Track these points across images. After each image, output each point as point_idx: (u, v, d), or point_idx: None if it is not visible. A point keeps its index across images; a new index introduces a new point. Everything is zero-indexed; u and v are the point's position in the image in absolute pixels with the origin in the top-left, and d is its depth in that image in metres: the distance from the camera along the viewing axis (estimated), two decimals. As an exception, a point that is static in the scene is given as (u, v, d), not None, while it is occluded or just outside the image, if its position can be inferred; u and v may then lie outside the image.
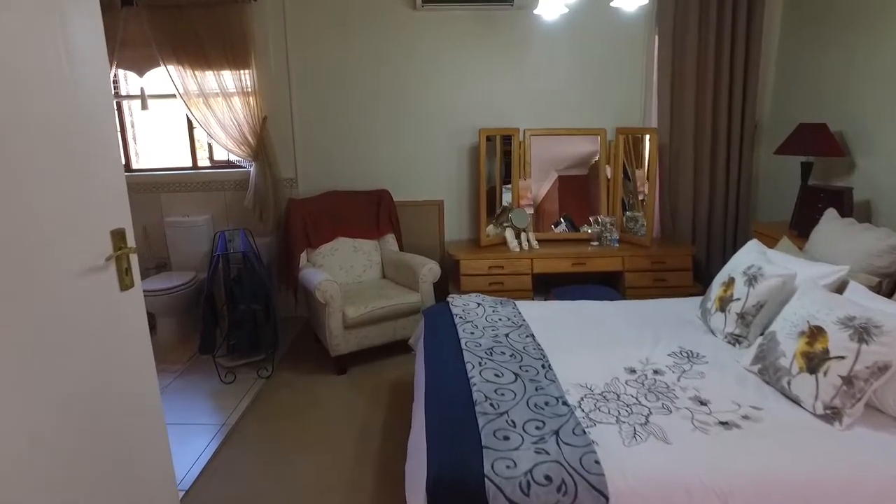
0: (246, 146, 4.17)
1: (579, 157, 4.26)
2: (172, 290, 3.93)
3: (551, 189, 4.28)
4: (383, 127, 4.26)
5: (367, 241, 4.11)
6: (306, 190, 4.36)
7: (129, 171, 4.56)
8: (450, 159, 4.29)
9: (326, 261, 3.96)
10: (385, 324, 3.60)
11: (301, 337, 4.20)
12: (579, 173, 4.28)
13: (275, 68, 4.16)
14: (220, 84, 4.08)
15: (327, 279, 3.38)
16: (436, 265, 3.71)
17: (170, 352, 3.98)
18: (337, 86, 4.20)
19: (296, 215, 3.86)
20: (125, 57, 4.20)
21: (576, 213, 4.29)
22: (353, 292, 3.73)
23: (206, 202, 4.44)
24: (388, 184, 4.29)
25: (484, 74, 4.15)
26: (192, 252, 4.30)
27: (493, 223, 4.16)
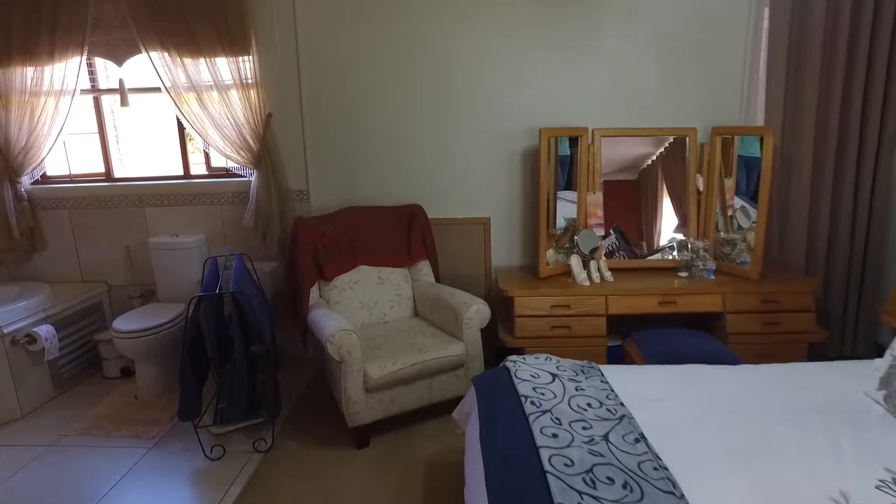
0: (245, 150, 3.37)
1: (628, 160, 3.38)
2: (150, 332, 3.14)
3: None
4: (416, 127, 3.42)
5: (396, 269, 3.27)
6: (320, 205, 3.54)
7: (109, 180, 3.79)
8: (498, 167, 3.44)
9: (344, 296, 3.13)
10: (418, 383, 2.76)
11: (312, 388, 3.39)
12: (628, 178, 3.40)
13: (281, 54, 3.35)
14: (215, 75, 3.29)
15: (343, 329, 2.56)
16: (484, 306, 2.86)
17: (147, 409, 3.19)
18: (358, 76, 3.37)
19: (305, 238, 3.04)
20: (98, 42, 3.43)
21: (625, 225, 3.40)
22: (378, 340, 2.90)
23: (199, 219, 3.65)
24: (422, 198, 3.45)
25: (542, 63, 3.29)
26: (182, 280, 3.51)
27: (552, 247, 3.29)
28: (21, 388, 3.18)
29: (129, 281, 3.81)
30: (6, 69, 3.42)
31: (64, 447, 2.88)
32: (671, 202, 3.37)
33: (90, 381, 3.62)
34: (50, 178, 3.86)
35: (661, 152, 3.35)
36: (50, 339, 3.23)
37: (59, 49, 3.36)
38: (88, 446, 2.87)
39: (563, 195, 3.26)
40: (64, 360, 3.48)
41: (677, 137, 3.30)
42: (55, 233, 3.81)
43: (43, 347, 3.19)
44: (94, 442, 2.91)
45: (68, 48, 3.36)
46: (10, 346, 3.11)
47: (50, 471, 2.68)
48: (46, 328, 3.24)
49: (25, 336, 3.16)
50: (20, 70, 3.41)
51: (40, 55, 3.37)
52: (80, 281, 3.86)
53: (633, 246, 3.39)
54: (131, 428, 3.00)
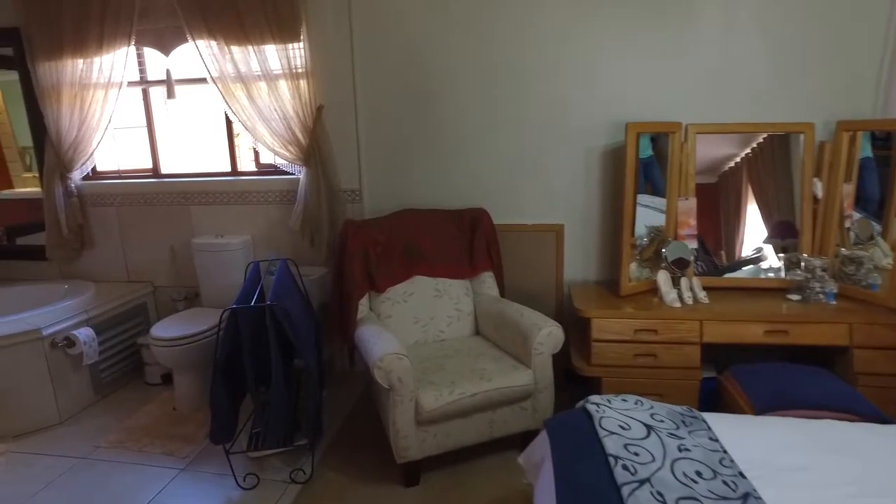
0: (294, 146, 3.09)
1: (706, 162, 2.87)
2: (188, 340, 2.91)
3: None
4: (482, 121, 3.05)
5: (456, 281, 2.91)
6: (374, 206, 3.23)
7: (156, 176, 3.62)
8: (574, 167, 3.02)
9: (396, 310, 2.80)
10: (478, 416, 2.39)
11: (359, 408, 3.07)
12: (706, 182, 2.89)
13: (334, 41, 3.05)
14: (263, 64, 3.02)
15: (393, 353, 2.21)
16: (557, 329, 2.45)
17: (183, 422, 2.96)
18: (418, 65, 3.03)
19: (355, 244, 2.73)
20: (146, 31, 3.24)
21: (702, 233, 2.89)
22: (433, 362, 2.54)
23: (246, 219, 3.41)
24: (486, 201, 3.08)
25: (626, 50, 2.84)
26: (225, 283, 3.28)
27: (636, 261, 2.84)
28: (61, 392, 3.03)
29: (173, 282, 3.63)
30: (58, 62, 3.29)
31: (96, 461, 2.69)
32: (759, 209, 2.87)
33: (131, 386, 3.45)
34: (100, 173, 3.72)
35: (747, 153, 2.85)
36: (89, 342, 3.06)
37: (108, 39, 3.19)
38: (120, 462, 2.67)
39: (643, 200, 2.81)
40: (105, 363, 3.31)
41: (774, 135, 2.79)
42: (103, 230, 3.67)
43: (82, 352, 3.02)
44: (126, 456, 2.70)
45: (116, 38, 3.19)
46: (49, 349, 2.96)
47: (79, 487, 2.50)
48: (86, 331, 3.07)
49: (64, 339, 3.00)
50: (70, 62, 3.28)
51: (90, 46, 3.22)
52: (127, 281, 3.71)
53: (712, 256, 2.90)
54: (165, 444, 2.77)
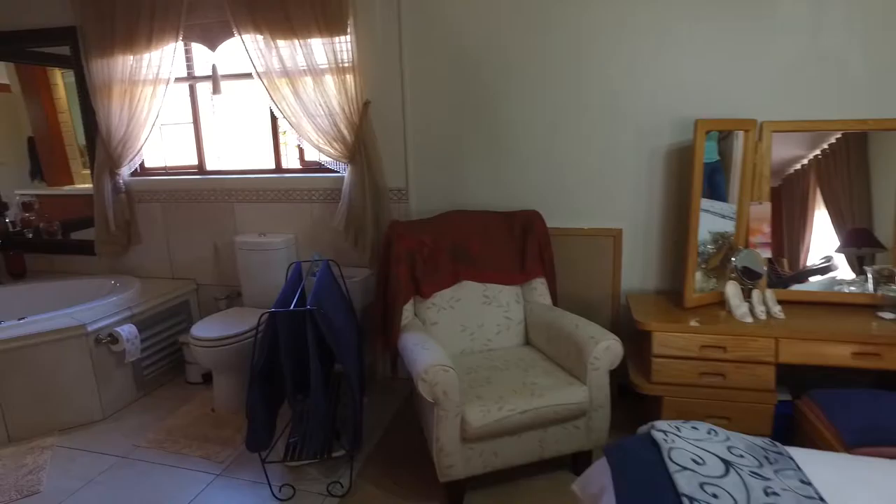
0: (339, 142, 2.99)
1: (773, 164, 2.59)
2: (227, 341, 2.84)
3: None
4: (535, 118, 2.87)
5: (506, 287, 2.74)
6: (420, 207, 3.10)
7: (201, 172, 3.58)
8: (635, 168, 2.81)
9: (442, 316, 2.65)
10: (528, 434, 2.22)
11: (401, 416, 2.94)
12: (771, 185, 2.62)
13: (382, 33, 2.93)
14: (309, 58, 2.93)
15: (438, 364, 2.07)
16: (616, 344, 2.26)
17: (221, 425, 2.90)
18: (470, 59, 2.88)
19: (401, 246, 2.60)
20: (193, 26, 3.20)
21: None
22: (480, 374, 2.39)
23: (289, 217, 3.34)
24: (539, 202, 2.91)
25: (695, 39, 2.61)
26: (267, 283, 3.21)
27: (701, 269, 2.61)
28: (104, 388, 3.02)
29: (216, 280, 3.59)
30: (109, 59, 3.29)
31: (135, 461, 2.65)
32: (830, 215, 2.59)
33: (173, 384, 3.42)
34: (147, 170, 3.72)
35: (815, 155, 2.58)
36: (132, 339, 3.04)
37: (157, 35, 3.17)
38: (158, 463, 2.62)
39: (703, 204, 2.56)
40: (148, 360, 3.29)
41: (849, 135, 2.51)
42: (149, 227, 3.66)
43: (124, 349, 3.00)
44: (164, 458, 2.65)
45: (165, 33, 3.16)
46: (94, 346, 2.94)
47: (117, 487, 2.47)
48: (129, 328, 3.05)
49: (108, 335, 2.99)
50: (121, 59, 3.28)
51: (139, 42, 3.21)
52: (171, 278, 3.69)
53: (774, 264, 2.64)
54: (203, 446, 2.71)
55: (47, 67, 3.70)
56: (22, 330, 2.82)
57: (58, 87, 3.73)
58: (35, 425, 2.87)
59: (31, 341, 2.80)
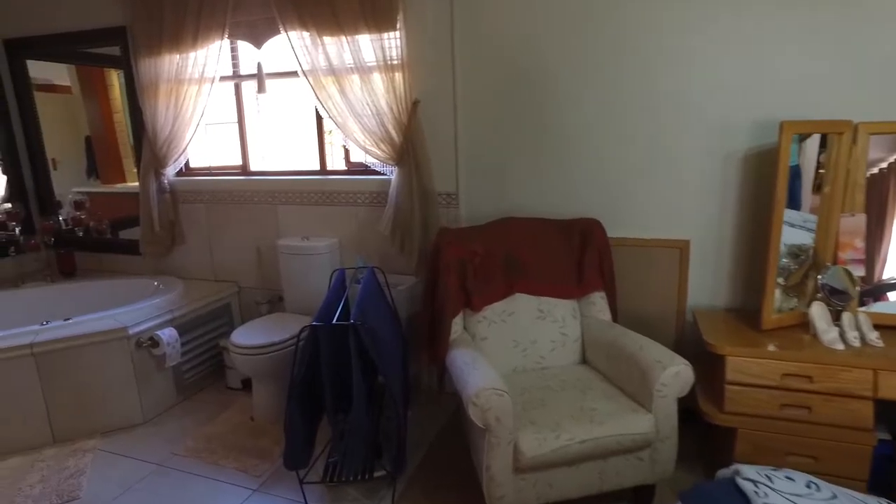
0: (387, 144, 2.85)
1: None
2: (267, 349, 2.74)
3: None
4: (595, 120, 2.67)
5: (562, 301, 2.55)
6: (470, 212, 2.93)
7: (245, 173, 3.51)
8: (707, 173, 2.56)
9: (493, 331, 2.48)
10: (587, 465, 2.03)
11: (447, 432, 2.79)
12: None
13: (433, 29, 2.78)
14: (356, 55, 2.80)
15: (491, 388, 1.89)
16: (686, 369, 2.04)
17: (259, 435, 2.80)
18: (526, 57, 2.70)
19: (451, 254, 2.43)
20: (239, 23, 3.12)
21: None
22: (534, 395, 2.20)
23: (333, 221, 3.22)
24: (599, 210, 2.71)
25: (780, 32, 2.35)
26: (309, 289, 3.11)
27: (780, 287, 2.36)
28: (144, 392, 2.97)
29: (257, 284, 3.51)
30: (156, 58, 3.25)
31: (171, 469, 2.59)
32: None
33: (213, 388, 3.36)
34: (192, 170, 3.68)
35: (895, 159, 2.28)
36: (172, 343, 2.97)
37: (203, 33, 3.11)
38: (194, 473, 2.54)
39: (787, 216, 2.30)
40: (188, 364, 3.24)
41: None
42: (193, 227, 3.62)
43: (165, 353, 2.94)
44: (201, 468, 2.57)
45: (210, 31, 3.10)
46: (135, 349, 2.90)
47: (154, 496, 2.41)
48: (169, 332, 2.99)
49: (149, 339, 2.93)
50: (168, 58, 3.23)
51: (186, 41, 3.15)
52: (213, 280, 3.63)
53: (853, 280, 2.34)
54: (240, 458, 2.62)
55: (104, 68, 3.72)
56: (67, 331, 2.80)
57: (113, 88, 3.75)
58: (78, 427, 2.85)
59: (75, 343, 2.78)
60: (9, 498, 2.40)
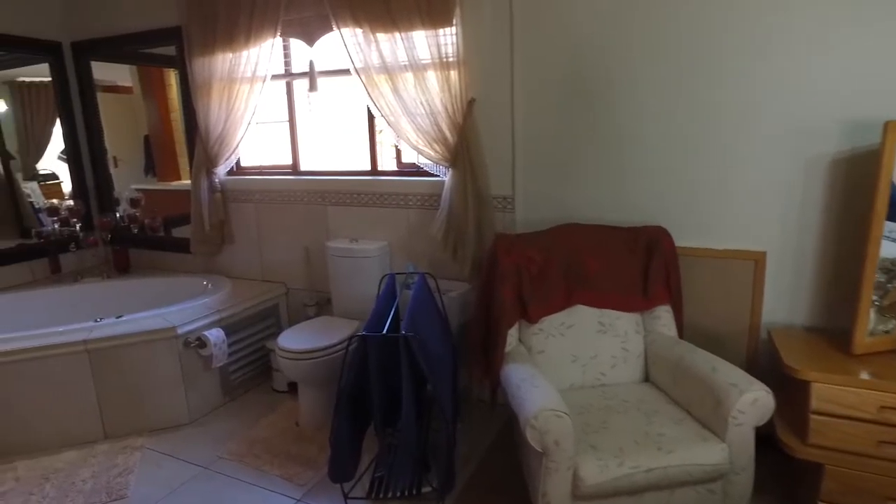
0: (440, 144, 2.74)
1: None
2: (314, 354, 2.68)
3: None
4: (661, 119, 2.48)
5: (624, 314, 2.38)
6: (527, 217, 2.79)
7: (295, 173, 3.47)
8: (787, 179, 2.35)
9: (551, 344, 2.33)
10: (651, 495, 1.86)
11: (498, 446, 2.65)
12: None
13: (491, 25, 2.65)
14: (410, 52, 2.70)
15: (550, 409, 1.75)
16: (767, 395, 1.84)
17: (304, 441, 2.74)
18: (589, 52, 2.54)
19: (508, 262, 2.30)
20: (292, 21, 3.07)
21: None
22: (594, 416, 2.05)
23: (383, 223, 3.13)
24: (665, 217, 2.52)
25: (871, 20, 2.11)
26: (358, 293, 3.03)
27: (876, 308, 2.12)
28: (191, 392, 2.96)
29: (306, 285, 3.46)
30: (210, 57, 3.25)
31: (216, 473, 2.55)
32: None
33: (259, 390, 3.32)
34: (243, 169, 3.67)
35: None
36: (219, 344, 2.95)
37: (256, 31, 3.08)
38: (238, 479, 2.50)
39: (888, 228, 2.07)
40: (235, 365, 3.21)
41: None
42: (243, 227, 3.61)
43: (212, 354, 2.91)
44: (245, 473, 2.53)
45: (263, 29, 3.06)
46: (182, 349, 2.88)
47: (197, 500, 2.37)
48: (217, 333, 2.96)
49: (196, 339, 2.92)
50: (221, 57, 3.22)
51: (238, 39, 3.13)
52: (261, 280, 3.61)
53: None
54: (284, 465, 2.56)
55: (163, 69, 3.78)
56: (118, 329, 2.81)
57: (171, 88, 3.81)
58: (128, 424, 2.86)
59: (126, 341, 2.78)
60: (64, 491, 2.43)
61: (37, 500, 2.39)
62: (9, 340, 2.69)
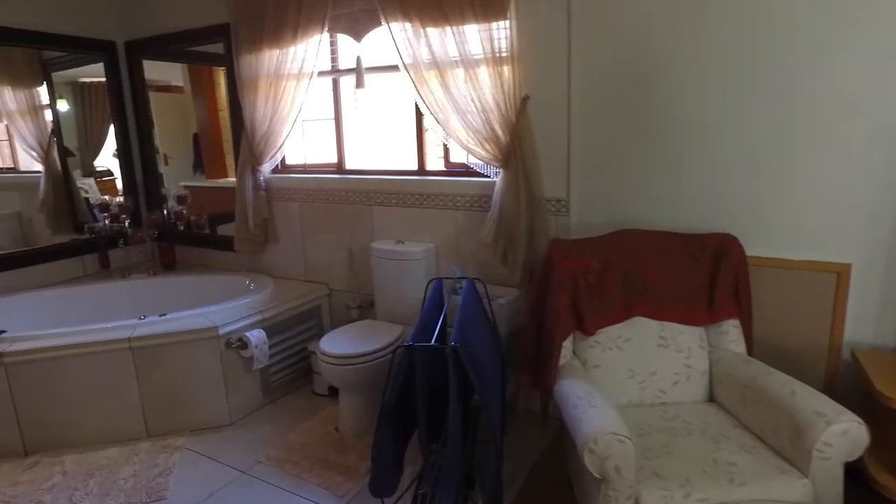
0: (492, 143, 2.61)
1: None
2: (357, 360, 2.59)
3: None
4: (728, 120, 2.29)
5: (688, 328, 2.20)
6: (582, 221, 2.63)
7: (340, 172, 3.40)
8: (875, 183, 2.12)
9: (607, 358, 2.17)
10: (723, 531, 1.69)
11: (547, 461, 2.51)
12: None
13: (548, 18, 2.51)
14: (461, 47, 2.59)
15: (611, 433, 1.61)
16: (859, 427, 1.65)
17: (344, 449, 2.65)
18: (651, 48, 2.37)
19: (564, 269, 2.15)
20: (340, 16, 3.00)
21: None
22: (655, 440, 1.88)
23: (430, 225, 3.02)
24: (733, 224, 2.32)
25: None
26: (403, 296, 2.93)
27: (979, 329, 1.89)
28: (232, 393, 2.92)
29: (349, 287, 3.38)
30: (257, 54, 3.21)
31: (254, 479, 2.50)
32: None
33: (299, 393, 3.26)
34: (288, 167, 3.62)
35: None
36: (260, 346, 2.90)
37: (303, 26, 3.01)
38: (276, 486, 2.44)
39: None
40: (276, 367, 3.16)
41: None
42: (286, 226, 3.56)
43: (252, 355, 2.86)
44: (283, 480, 2.47)
45: (311, 25, 2.99)
46: (224, 349, 2.84)
47: (234, 507, 2.31)
48: (258, 334, 2.91)
49: (238, 340, 2.87)
50: (268, 53, 3.17)
51: (286, 35, 3.07)
52: (304, 280, 3.55)
53: None
54: (324, 473, 2.48)
55: (213, 68, 3.79)
56: (161, 327, 2.79)
57: (220, 87, 3.81)
58: (169, 423, 2.84)
59: (168, 339, 2.76)
60: (106, 489, 2.43)
61: (80, 495, 2.40)
62: (58, 336, 2.71)
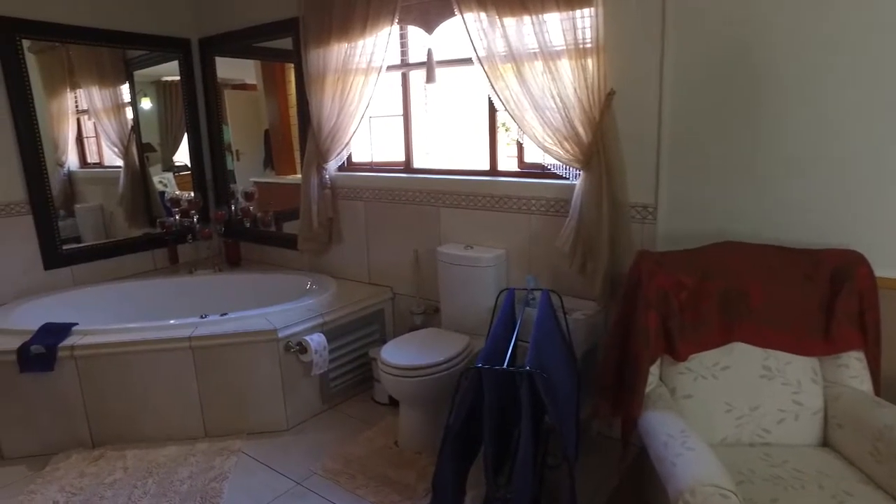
0: (572, 142, 2.38)
1: None
2: (419, 372, 2.43)
3: None
4: (850, 118, 1.96)
5: (798, 358, 1.90)
6: (670, 230, 2.36)
7: (408, 171, 3.25)
8: None
9: (700, 388, 1.91)
10: None
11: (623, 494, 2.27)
12: None
13: (638, 5, 2.26)
14: (541, 37, 2.37)
15: (712, 485, 1.36)
16: None
17: (402, 465, 2.50)
18: (755, 40, 2.07)
19: (653, 286, 1.91)
20: (410, 7, 2.85)
21: None
22: (759, 488, 1.62)
23: (501, 229, 2.83)
24: (853, 240, 1.99)
25: None
26: (470, 304, 2.76)
27: None
28: (290, 398, 2.84)
29: (413, 292, 3.24)
30: (325, 48, 3.11)
31: (308, 490, 2.40)
32: None
33: (358, 400, 3.14)
34: (354, 165, 3.52)
35: None
36: (320, 351, 2.79)
37: (372, 19, 2.88)
38: (331, 501, 2.31)
39: None
40: (335, 372, 3.05)
41: None
42: (351, 226, 3.45)
43: (312, 360, 2.76)
44: (338, 495, 2.35)
45: (381, 17, 2.86)
46: (283, 352, 2.76)
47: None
48: (318, 338, 2.81)
49: (297, 344, 2.78)
50: (336, 47, 3.07)
51: (355, 28, 2.96)
52: (367, 282, 3.44)
53: None
54: (380, 490, 2.34)
55: (285, 64, 3.77)
56: (220, 328, 2.75)
57: (290, 84, 3.78)
58: (227, 425, 2.79)
59: (227, 340, 2.71)
60: (163, 489, 2.40)
61: (139, 494, 2.39)
62: (124, 331, 2.72)
